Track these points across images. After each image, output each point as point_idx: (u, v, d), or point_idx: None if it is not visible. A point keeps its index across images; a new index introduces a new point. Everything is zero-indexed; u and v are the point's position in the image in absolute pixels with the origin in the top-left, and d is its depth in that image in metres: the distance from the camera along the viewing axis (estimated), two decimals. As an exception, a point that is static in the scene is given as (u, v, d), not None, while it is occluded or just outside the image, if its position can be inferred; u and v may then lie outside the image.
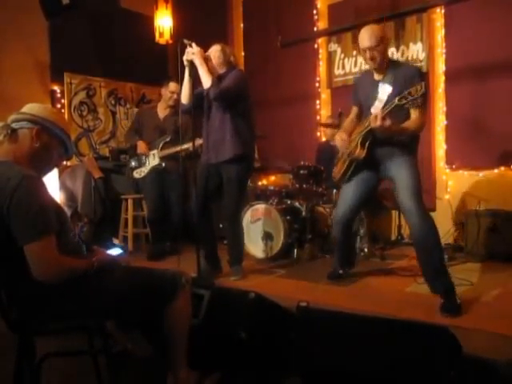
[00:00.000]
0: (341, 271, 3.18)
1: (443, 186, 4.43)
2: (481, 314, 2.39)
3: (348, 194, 2.94)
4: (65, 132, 1.82)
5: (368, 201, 3.09)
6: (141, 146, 4.26)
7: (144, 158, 4.26)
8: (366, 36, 2.63)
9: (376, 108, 2.66)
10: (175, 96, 4.12)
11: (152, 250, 4.26)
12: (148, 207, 4.37)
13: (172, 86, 4.18)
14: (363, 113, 2.92)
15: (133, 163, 4.34)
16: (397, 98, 2.45)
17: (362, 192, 2.91)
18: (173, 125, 4.15)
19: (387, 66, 2.71)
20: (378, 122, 2.44)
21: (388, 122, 2.44)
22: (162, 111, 4.31)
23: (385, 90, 2.66)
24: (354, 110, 3.01)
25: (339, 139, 2.89)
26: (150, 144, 4.25)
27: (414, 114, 2.57)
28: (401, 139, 2.65)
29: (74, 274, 1.67)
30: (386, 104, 2.58)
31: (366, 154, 2.70)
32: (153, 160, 4.22)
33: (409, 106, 2.47)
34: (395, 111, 2.52)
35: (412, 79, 2.55)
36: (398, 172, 2.66)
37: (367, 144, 2.68)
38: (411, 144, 2.72)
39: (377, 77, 2.77)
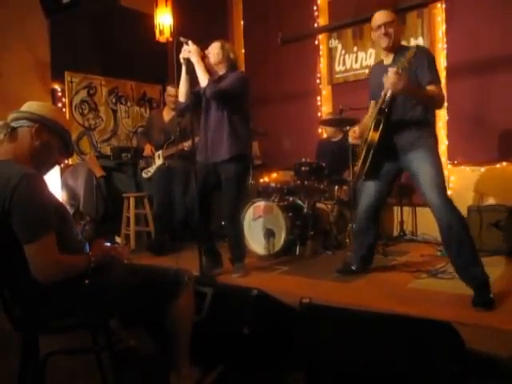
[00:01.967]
0: (354, 267, 3.17)
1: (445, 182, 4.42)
2: (484, 310, 2.38)
3: (370, 189, 2.95)
4: (65, 129, 1.82)
5: (389, 193, 3.12)
6: (146, 149, 4.52)
7: (150, 159, 4.48)
8: (381, 14, 2.77)
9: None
10: (173, 99, 4.28)
11: (153, 244, 4.41)
12: (154, 203, 4.55)
13: (169, 90, 4.40)
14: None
15: (142, 164, 4.59)
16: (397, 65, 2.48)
17: (383, 185, 2.93)
18: (176, 126, 4.30)
19: (396, 51, 2.75)
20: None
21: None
22: (166, 114, 4.54)
23: None
24: (372, 104, 3.00)
25: (351, 132, 2.96)
26: (156, 145, 4.46)
27: (431, 87, 2.58)
28: (417, 117, 2.66)
29: (74, 272, 1.67)
30: None
31: (380, 137, 2.68)
32: (158, 160, 4.41)
33: (422, 82, 2.54)
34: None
35: (421, 60, 2.60)
36: (421, 166, 2.64)
37: (381, 126, 2.68)
38: (429, 125, 2.73)
39: (386, 61, 2.80)
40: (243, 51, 5.76)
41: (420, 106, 2.67)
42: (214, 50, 3.20)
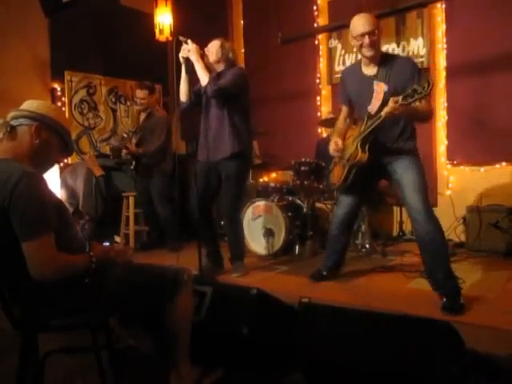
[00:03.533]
0: (325, 273, 3.12)
1: (444, 182, 4.42)
2: (482, 310, 2.39)
3: (346, 200, 2.93)
4: (64, 128, 1.81)
5: (365, 202, 3.09)
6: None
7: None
8: (363, 21, 2.55)
9: (373, 106, 2.58)
10: (141, 101, 4.46)
11: (143, 242, 4.70)
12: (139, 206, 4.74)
13: (138, 93, 4.47)
14: (355, 111, 2.84)
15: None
16: (400, 98, 2.29)
17: (359, 197, 2.92)
18: (144, 127, 4.46)
19: (380, 61, 2.61)
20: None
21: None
22: (142, 117, 4.62)
23: (380, 88, 2.58)
24: (344, 109, 2.91)
25: (334, 145, 2.80)
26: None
27: (420, 103, 2.43)
28: (401, 143, 2.63)
29: (74, 272, 1.66)
30: (382, 103, 2.50)
31: (368, 157, 2.60)
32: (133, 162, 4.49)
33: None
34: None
35: (410, 75, 2.50)
36: (404, 174, 2.59)
37: (367, 147, 2.60)
38: (411, 141, 2.67)
39: (367, 71, 2.66)
40: (243, 51, 5.76)
41: (402, 119, 2.57)
42: (214, 48, 3.18)
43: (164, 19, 5.16)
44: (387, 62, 2.60)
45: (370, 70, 2.65)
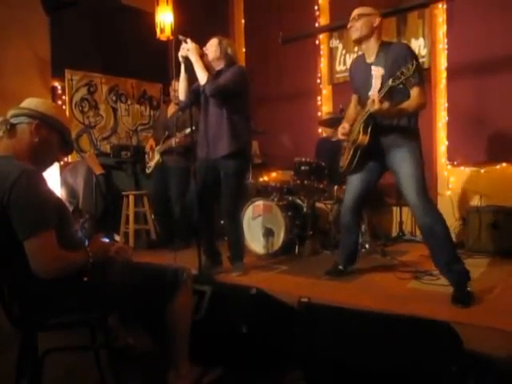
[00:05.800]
0: (341, 267, 3.15)
1: (444, 182, 4.42)
2: (482, 310, 2.39)
3: (354, 183, 2.95)
4: (64, 126, 1.82)
5: (372, 190, 3.11)
6: (147, 144, 4.63)
7: (150, 154, 4.55)
8: (357, 9, 2.79)
9: (373, 92, 2.66)
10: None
11: (152, 241, 4.61)
12: (151, 199, 4.62)
13: (176, 84, 4.28)
14: (361, 98, 2.91)
15: (146, 159, 4.63)
16: (390, 80, 2.46)
17: (367, 181, 2.93)
18: (175, 121, 4.29)
19: (378, 48, 2.72)
20: (376, 106, 2.46)
21: (386, 105, 2.45)
22: (170, 109, 4.56)
23: (378, 73, 2.66)
24: (354, 97, 3.02)
25: (341, 129, 2.92)
26: (158, 141, 4.52)
27: (413, 92, 2.57)
28: (402, 124, 2.67)
29: (74, 268, 1.66)
30: (381, 86, 2.59)
31: (369, 140, 2.68)
32: (156, 156, 4.44)
33: (407, 85, 2.49)
34: (396, 93, 2.53)
35: (404, 58, 2.56)
36: (402, 164, 2.65)
37: (369, 129, 2.68)
38: (413, 130, 2.72)
39: (368, 59, 2.78)
40: (244, 50, 5.76)
41: (403, 100, 2.64)
42: (212, 46, 3.17)
43: (165, 18, 5.15)
44: (385, 48, 2.71)
45: (370, 58, 2.77)
